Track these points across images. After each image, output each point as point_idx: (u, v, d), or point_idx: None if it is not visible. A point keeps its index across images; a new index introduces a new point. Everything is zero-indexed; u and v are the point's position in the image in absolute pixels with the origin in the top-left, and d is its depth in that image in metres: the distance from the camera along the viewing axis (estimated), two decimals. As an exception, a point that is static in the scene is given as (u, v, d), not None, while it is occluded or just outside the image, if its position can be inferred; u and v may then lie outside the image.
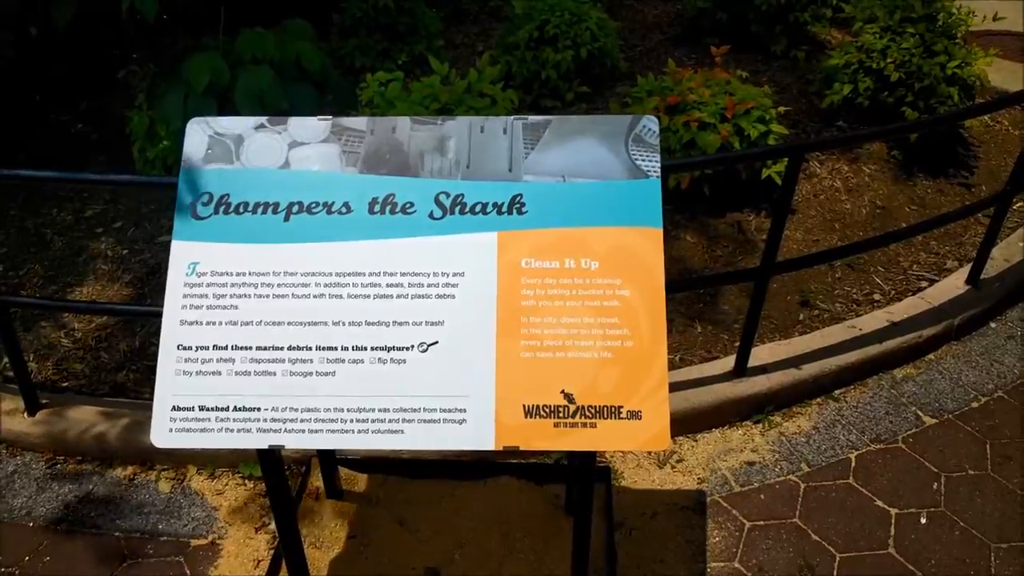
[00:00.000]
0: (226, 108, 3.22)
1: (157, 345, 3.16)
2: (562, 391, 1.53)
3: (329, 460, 2.46)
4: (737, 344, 2.85)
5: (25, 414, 2.85)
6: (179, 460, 2.75)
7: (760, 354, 2.93)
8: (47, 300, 2.65)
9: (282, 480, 1.87)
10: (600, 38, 4.14)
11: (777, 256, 2.60)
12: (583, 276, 1.56)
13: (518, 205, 1.59)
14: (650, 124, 1.63)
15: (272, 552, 2.41)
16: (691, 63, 4.51)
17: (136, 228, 3.76)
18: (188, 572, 2.38)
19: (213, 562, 2.42)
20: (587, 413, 1.52)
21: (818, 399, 2.95)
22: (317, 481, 2.54)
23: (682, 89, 3.47)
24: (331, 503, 2.50)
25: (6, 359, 3.08)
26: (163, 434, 1.60)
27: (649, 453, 2.73)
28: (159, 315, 2.65)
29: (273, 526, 2.53)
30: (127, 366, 3.14)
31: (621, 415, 1.52)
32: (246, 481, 2.70)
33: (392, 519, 2.43)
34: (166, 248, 3.60)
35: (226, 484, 2.70)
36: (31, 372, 2.93)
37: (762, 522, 2.49)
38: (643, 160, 1.59)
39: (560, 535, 2.34)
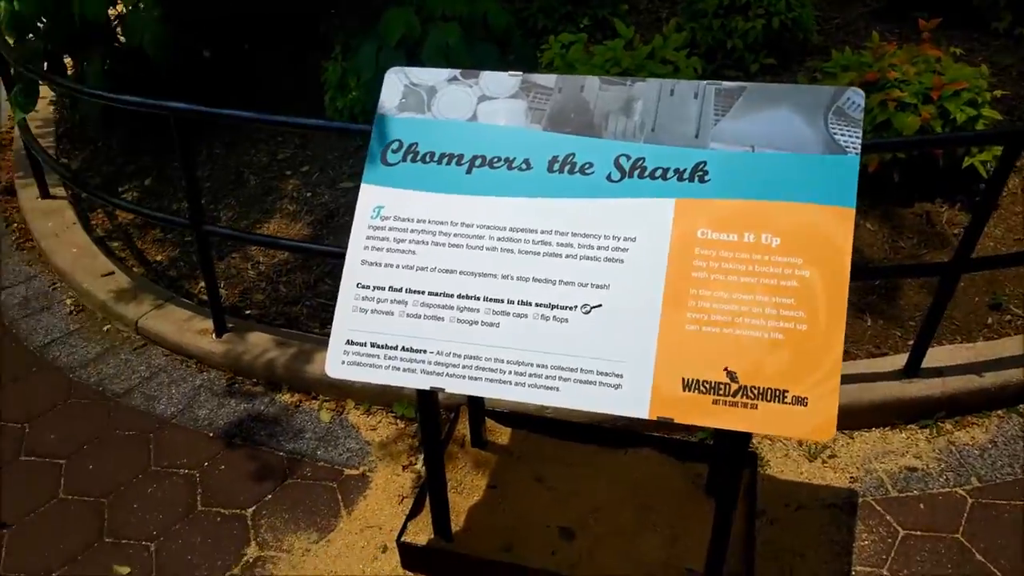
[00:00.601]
0: (414, 62, 3.33)
1: (329, 283, 3.41)
2: (725, 368, 1.49)
3: (477, 410, 2.53)
4: (910, 342, 2.65)
5: (213, 335, 3.15)
6: (340, 393, 2.94)
7: (937, 356, 2.71)
8: (241, 233, 2.89)
9: (436, 422, 1.95)
10: (795, 8, 3.90)
11: (973, 252, 2.38)
12: (762, 252, 1.50)
13: (700, 173, 1.55)
14: (855, 97, 1.53)
15: (416, 491, 2.53)
16: (894, 39, 4.17)
17: (320, 173, 4.00)
18: (340, 498, 2.55)
19: (362, 492, 2.57)
20: (749, 394, 1.47)
21: (999, 411, 2.69)
22: (463, 429, 2.63)
23: (883, 66, 3.22)
24: (475, 452, 2.58)
25: (202, 283, 3.39)
26: (336, 365, 1.70)
27: (800, 444, 2.61)
28: (335, 255, 2.83)
29: (419, 466, 2.66)
30: (301, 301, 3.37)
31: (785, 400, 1.46)
32: (398, 421, 2.85)
33: (531, 475, 2.48)
34: (346, 193, 3.81)
35: (379, 421, 2.86)
36: (221, 298, 3.21)
37: (919, 532, 2.32)
38: (843, 135, 1.50)
39: (698, 515, 2.30)
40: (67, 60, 4.45)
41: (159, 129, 4.21)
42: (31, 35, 3.81)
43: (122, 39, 4.23)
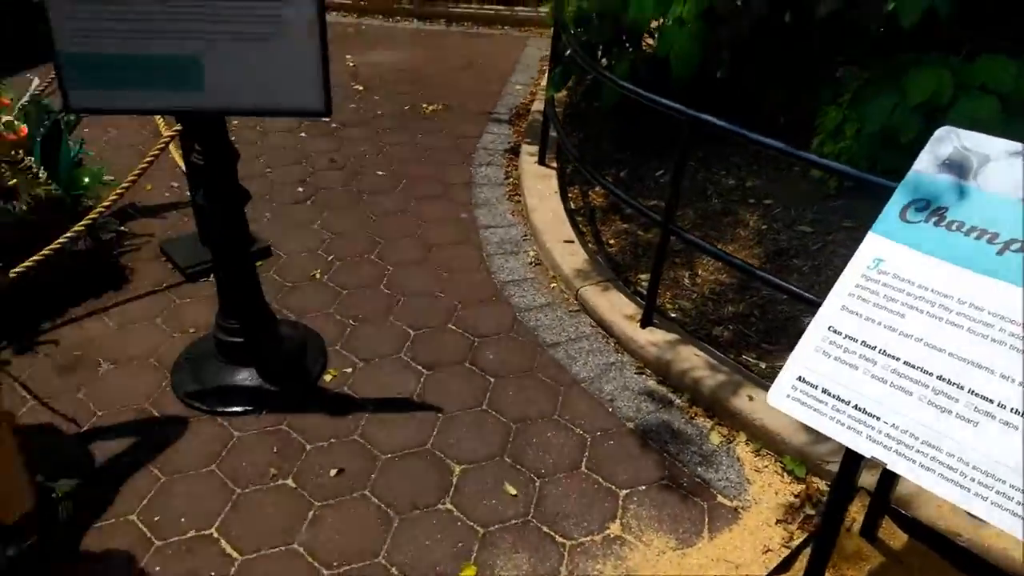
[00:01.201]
0: (930, 126, 3.12)
1: (756, 317, 3.40)
2: None
3: (882, 500, 2.34)
4: None
5: (638, 324, 3.37)
6: (736, 423, 2.93)
7: None
8: (703, 242, 3.00)
9: (849, 492, 1.86)
10: None
11: None
12: None
13: None
14: None
15: (784, 549, 2.43)
16: None
17: (782, 210, 3.99)
18: (706, 520, 2.57)
19: (729, 525, 2.55)
20: None
21: None
22: (855, 513, 2.45)
23: None
24: (859, 540, 2.39)
25: (642, 276, 3.64)
26: (780, 397, 1.70)
27: None
28: (777, 289, 2.80)
29: (794, 527, 2.55)
30: (724, 324, 3.43)
31: None
32: (784, 474, 2.76)
33: (915, 594, 2.22)
34: (801, 237, 3.75)
35: (766, 466, 2.79)
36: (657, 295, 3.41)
37: None
38: None
39: None
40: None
41: (645, 130, 4.59)
42: (581, 28, 4.42)
43: (648, 46, 4.67)
